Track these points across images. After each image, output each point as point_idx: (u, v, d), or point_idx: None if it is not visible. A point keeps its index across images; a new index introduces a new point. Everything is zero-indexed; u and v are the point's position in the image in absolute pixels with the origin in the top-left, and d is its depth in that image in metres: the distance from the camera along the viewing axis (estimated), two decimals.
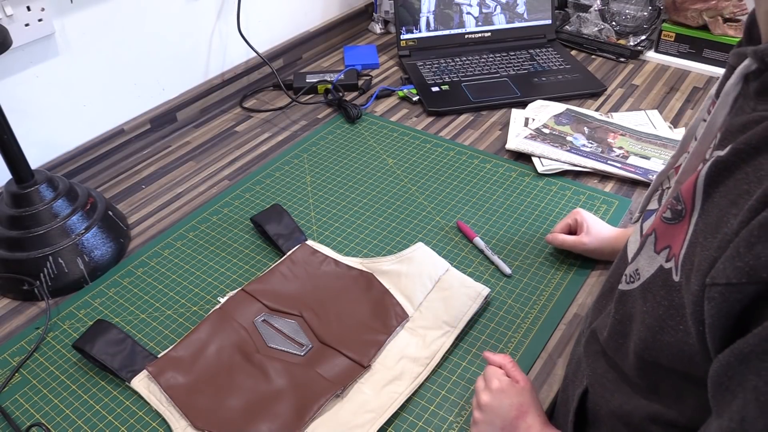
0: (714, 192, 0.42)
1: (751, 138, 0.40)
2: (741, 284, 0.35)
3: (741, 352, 0.36)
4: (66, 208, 0.85)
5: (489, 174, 1.02)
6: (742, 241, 0.36)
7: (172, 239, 0.92)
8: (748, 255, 0.35)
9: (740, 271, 0.36)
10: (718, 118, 0.45)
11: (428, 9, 1.34)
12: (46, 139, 1.00)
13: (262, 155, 1.10)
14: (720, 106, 0.44)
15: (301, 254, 0.85)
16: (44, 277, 0.83)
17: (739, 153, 0.40)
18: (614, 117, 1.13)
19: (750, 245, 0.35)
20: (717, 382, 0.38)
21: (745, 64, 0.43)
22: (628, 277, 0.51)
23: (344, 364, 0.71)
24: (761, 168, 0.38)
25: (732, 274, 0.36)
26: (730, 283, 0.36)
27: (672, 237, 0.46)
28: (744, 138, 0.40)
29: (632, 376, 0.51)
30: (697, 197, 0.43)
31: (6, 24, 0.87)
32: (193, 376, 0.71)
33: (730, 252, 0.37)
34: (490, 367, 0.65)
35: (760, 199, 0.36)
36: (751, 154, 0.39)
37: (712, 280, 0.38)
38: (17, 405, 0.71)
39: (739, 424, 0.36)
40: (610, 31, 1.35)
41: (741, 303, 0.36)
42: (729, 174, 0.41)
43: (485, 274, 0.83)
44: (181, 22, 1.13)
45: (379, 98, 1.25)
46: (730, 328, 0.37)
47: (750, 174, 0.39)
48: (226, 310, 0.77)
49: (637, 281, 0.49)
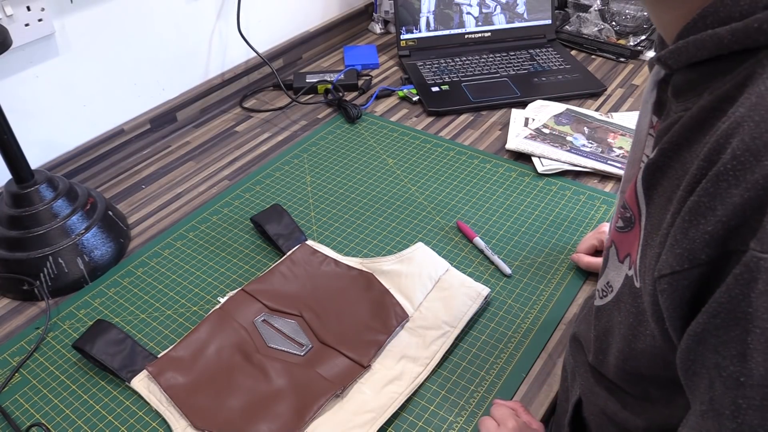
0: (653, 194, 0.44)
1: (672, 136, 0.41)
2: (684, 270, 0.36)
3: (695, 333, 0.36)
4: (66, 208, 0.85)
5: (489, 174, 1.02)
6: (677, 228, 0.37)
7: (172, 239, 0.92)
8: (684, 240, 0.36)
9: (680, 257, 0.36)
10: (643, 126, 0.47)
11: (428, 9, 1.34)
12: (46, 139, 1.00)
13: (262, 155, 1.10)
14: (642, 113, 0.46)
15: (301, 254, 0.85)
16: (44, 277, 0.83)
17: (665, 152, 0.42)
18: (614, 117, 1.13)
19: (684, 230, 0.36)
20: (683, 368, 0.39)
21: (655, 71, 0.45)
22: (600, 292, 0.52)
23: (344, 364, 0.71)
24: (686, 162, 0.40)
25: (674, 261, 0.37)
26: (675, 271, 0.37)
27: (629, 245, 0.47)
28: (667, 138, 0.42)
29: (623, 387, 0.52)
30: (641, 202, 0.45)
31: (6, 24, 0.87)
32: (193, 376, 0.71)
33: (669, 241, 0.38)
34: (500, 408, 0.64)
35: (685, 188, 0.37)
36: (675, 152, 0.41)
37: (659, 273, 0.38)
38: (17, 405, 0.71)
39: (709, 405, 0.36)
40: (610, 31, 1.35)
41: (689, 289, 0.37)
42: (662, 174, 0.42)
43: (485, 274, 0.83)
44: (181, 22, 1.13)
45: (379, 98, 1.25)
46: (686, 316, 0.38)
47: (678, 170, 0.41)
48: (226, 310, 0.77)
49: (611, 293, 0.50)
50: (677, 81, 0.43)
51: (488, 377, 0.70)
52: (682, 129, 0.41)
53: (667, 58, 0.42)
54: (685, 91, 0.42)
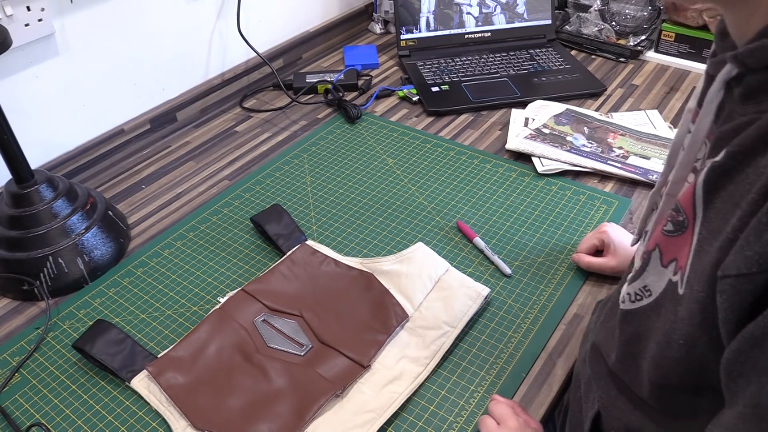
0: (715, 198, 0.42)
1: (745, 139, 0.39)
2: (752, 274, 0.35)
3: (752, 336, 0.35)
4: (66, 208, 0.85)
5: (489, 174, 1.02)
6: (751, 230, 0.36)
7: (172, 239, 0.92)
8: (758, 243, 0.35)
9: (750, 260, 0.35)
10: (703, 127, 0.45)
11: (428, 9, 1.34)
12: (46, 139, 1.00)
13: (262, 155, 1.10)
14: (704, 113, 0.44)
15: (301, 254, 0.85)
16: (44, 277, 0.83)
17: (735, 156, 0.40)
18: (614, 117, 1.13)
19: (758, 233, 0.35)
20: (729, 369, 0.37)
21: (726, 70, 0.42)
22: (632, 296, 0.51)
23: (344, 364, 0.71)
24: (760, 166, 0.38)
25: (742, 264, 0.36)
26: (741, 273, 0.36)
27: (677, 249, 0.45)
28: (738, 140, 0.40)
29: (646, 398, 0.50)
30: (698, 206, 0.43)
31: (6, 24, 0.87)
32: (193, 376, 0.71)
33: (740, 243, 0.36)
34: (499, 407, 0.63)
35: (760, 191, 0.36)
36: (748, 156, 0.39)
37: (723, 272, 0.37)
38: (17, 405, 0.71)
39: (752, 408, 0.35)
40: (610, 31, 1.35)
41: (753, 294, 0.36)
42: (729, 178, 0.41)
43: (485, 274, 0.83)
44: (181, 22, 1.13)
45: (379, 98, 1.25)
46: (743, 320, 0.37)
47: (750, 174, 0.39)
48: (226, 310, 0.77)
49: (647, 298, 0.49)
50: (752, 81, 0.41)
51: (488, 377, 0.70)
52: (759, 132, 0.39)
53: (745, 57, 0.40)
54: (759, 92, 0.40)
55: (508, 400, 0.66)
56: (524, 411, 0.64)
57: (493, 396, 0.67)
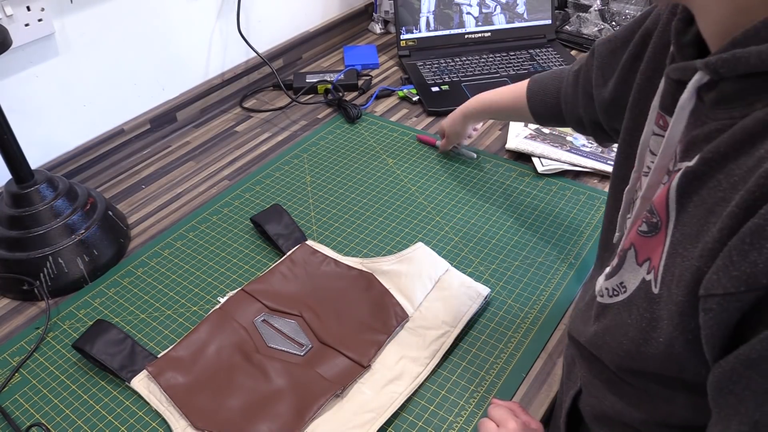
0: (688, 202, 0.43)
1: (718, 146, 0.40)
2: (739, 293, 0.36)
3: (748, 358, 0.36)
4: (66, 208, 0.85)
5: (489, 174, 1.02)
6: (734, 249, 0.36)
7: (172, 239, 0.92)
8: (744, 263, 0.35)
9: (737, 279, 0.36)
10: (676, 133, 0.45)
11: (428, 9, 1.34)
12: (46, 139, 1.00)
13: (262, 155, 1.10)
14: (676, 120, 0.45)
15: (301, 254, 0.85)
16: (44, 277, 0.83)
17: (708, 162, 0.41)
18: None
19: (743, 253, 0.35)
20: (719, 387, 0.38)
21: (697, 78, 0.42)
22: (610, 291, 0.52)
23: (344, 364, 0.71)
24: (733, 174, 0.39)
25: (729, 283, 0.36)
26: (728, 293, 0.36)
27: (651, 249, 0.46)
28: (711, 146, 0.41)
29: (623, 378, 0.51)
30: (671, 209, 0.44)
31: (6, 24, 0.87)
32: (193, 376, 0.71)
33: (722, 261, 0.37)
34: (499, 409, 0.63)
35: (740, 205, 0.36)
36: (720, 162, 0.40)
37: (707, 291, 0.38)
38: (17, 405, 0.71)
39: (752, 427, 0.36)
40: (610, 31, 1.35)
41: (740, 311, 0.36)
42: (701, 183, 0.41)
43: (485, 274, 0.83)
44: (181, 22, 1.13)
45: (379, 98, 1.25)
46: (728, 336, 0.38)
47: (722, 181, 0.39)
48: (226, 310, 0.77)
49: (623, 294, 0.50)
50: (725, 89, 0.41)
51: (488, 377, 0.70)
52: (731, 139, 0.39)
53: (719, 66, 0.40)
54: (731, 100, 0.41)
55: (508, 401, 0.66)
56: (525, 412, 0.64)
57: (492, 399, 0.67)
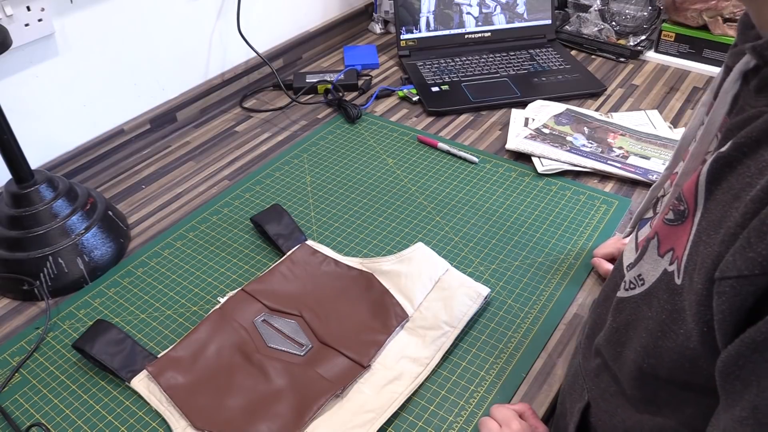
0: (716, 189, 0.41)
1: (751, 131, 0.39)
2: (754, 276, 0.35)
3: (754, 341, 0.35)
4: (66, 208, 0.85)
5: (489, 174, 1.02)
6: (753, 231, 0.35)
7: (172, 239, 0.92)
8: (761, 245, 0.34)
9: (752, 262, 0.35)
10: (717, 117, 0.44)
11: (428, 9, 1.34)
12: (46, 139, 1.00)
13: (262, 155, 1.10)
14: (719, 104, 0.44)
15: (301, 254, 0.85)
16: (44, 277, 0.83)
17: (740, 147, 0.40)
18: (614, 117, 1.13)
19: (762, 235, 0.34)
20: (725, 372, 0.37)
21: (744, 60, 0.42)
22: (627, 284, 0.51)
23: (344, 364, 0.71)
24: (762, 160, 0.38)
25: (743, 265, 0.35)
26: (742, 275, 0.35)
27: (675, 239, 0.45)
28: (745, 132, 0.39)
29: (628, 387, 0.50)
30: (699, 196, 0.43)
31: (6, 24, 0.87)
32: (193, 376, 0.71)
33: (740, 243, 0.36)
34: (502, 410, 0.62)
35: (765, 189, 0.36)
36: (752, 147, 0.39)
37: (722, 274, 0.37)
38: (17, 405, 0.71)
39: (751, 412, 0.35)
40: (610, 31, 1.35)
41: (754, 295, 0.35)
42: (731, 169, 0.40)
43: (485, 274, 0.83)
44: (181, 22, 1.13)
45: (379, 98, 1.25)
46: (741, 322, 0.36)
47: (752, 167, 0.38)
48: (226, 310, 0.77)
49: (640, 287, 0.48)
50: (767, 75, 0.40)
51: (488, 377, 0.70)
52: (765, 125, 0.38)
53: (764, 49, 0.40)
54: None
55: (519, 403, 0.65)
56: (534, 416, 0.63)
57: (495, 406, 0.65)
